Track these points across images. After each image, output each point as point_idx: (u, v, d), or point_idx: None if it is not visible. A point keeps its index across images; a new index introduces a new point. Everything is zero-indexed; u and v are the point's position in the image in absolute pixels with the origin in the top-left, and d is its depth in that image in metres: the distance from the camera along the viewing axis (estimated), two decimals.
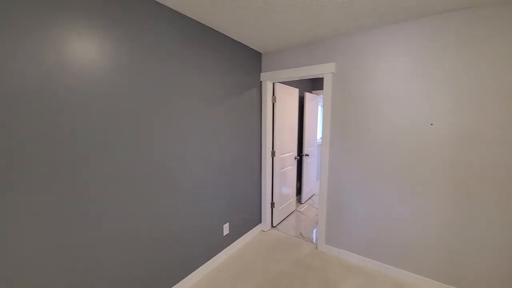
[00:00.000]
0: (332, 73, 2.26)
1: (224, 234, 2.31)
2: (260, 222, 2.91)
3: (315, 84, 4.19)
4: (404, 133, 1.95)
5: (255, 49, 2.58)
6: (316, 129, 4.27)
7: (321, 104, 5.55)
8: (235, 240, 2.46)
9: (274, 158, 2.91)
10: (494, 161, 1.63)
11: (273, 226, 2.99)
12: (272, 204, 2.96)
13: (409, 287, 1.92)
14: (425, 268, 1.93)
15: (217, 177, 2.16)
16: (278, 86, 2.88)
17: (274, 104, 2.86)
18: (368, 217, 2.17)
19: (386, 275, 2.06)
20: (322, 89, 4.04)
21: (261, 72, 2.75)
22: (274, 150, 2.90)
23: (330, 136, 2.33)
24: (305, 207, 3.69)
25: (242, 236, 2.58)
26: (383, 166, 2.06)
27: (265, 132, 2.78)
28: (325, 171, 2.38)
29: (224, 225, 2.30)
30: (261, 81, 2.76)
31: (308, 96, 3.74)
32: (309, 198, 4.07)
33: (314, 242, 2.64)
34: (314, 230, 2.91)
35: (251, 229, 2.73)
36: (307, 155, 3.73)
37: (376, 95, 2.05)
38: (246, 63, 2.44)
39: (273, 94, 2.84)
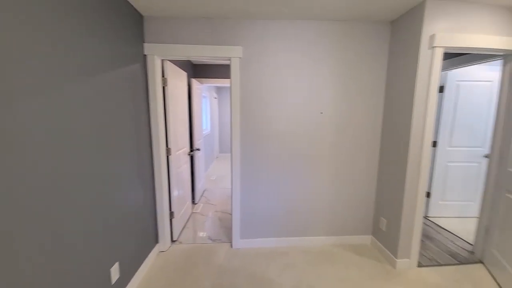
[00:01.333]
0: (240, 58, 2.09)
1: (113, 282, 1.52)
2: (157, 241, 2.24)
3: (198, 71, 3.82)
4: (303, 122, 2.20)
5: (134, 7, 1.82)
6: (201, 120, 3.96)
7: (204, 95, 5.27)
8: (129, 282, 1.70)
9: (169, 156, 2.31)
10: (355, 136, 2.24)
11: (174, 241, 2.42)
12: (171, 214, 2.38)
13: (313, 248, 2.27)
14: (320, 230, 2.36)
15: (91, 203, 1.33)
16: (169, 66, 2.28)
17: (165, 88, 2.23)
18: (276, 200, 2.29)
19: (296, 247, 2.31)
20: (206, 77, 3.85)
21: (144, 42, 2.02)
22: (169, 146, 2.30)
23: (240, 127, 2.18)
24: (200, 206, 3.35)
25: (138, 271, 1.84)
26: (287, 152, 2.23)
27: (157, 124, 2.12)
28: (237, 164, 2.22)
29: (111, 268, 1.50)
30: (145, 55, 2.03)
31: (195, 83, 3.33)
32: (202, 196, 3.76)
33: (227, 240, 2.43)
34: (221, 228, 2.69)
35: (147, 256, 2.02)
36: (198, 149, 3.37)
37: (277, 85, 2.14)
38: (121, 26, 1.64)
39: (163, 75, 2.21)
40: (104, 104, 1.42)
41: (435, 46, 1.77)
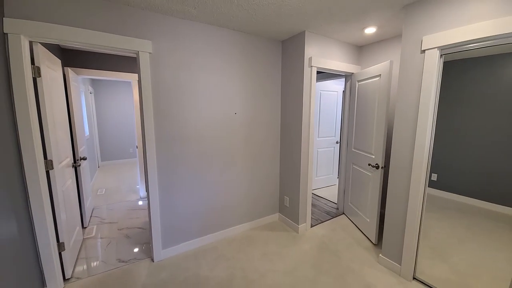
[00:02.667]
0: (150, 53, 1.91)
1: None
2: (45, 285, 1.65)
3: (70, 59, 2.95)
4: (219, 122, 2.34)
5: None
6: (83, 121, 3.15)
7: (82, 90, 4.07)
8: None
9: (50, 171, 1.74)
10: (262, 133, 2.66)
11: (67, 279, 1.86)
12: (61, 246, 1.81)
13: (236, 236, 2.49)
14: (240, 219, 2.61)
15: None
16: (42, 51, 1.70)
17: (37, 80, 1.66)
18: (197, 200, 2.31)
19: (222, 239, 2.44)
20: (82, 66, 3.07)
21: (3, 16, 1.41)
22: (49, 158, 1.73)
23: (155, 129, 2.00)
24: (94, 229, 2.71)
25: None
26: (204, 152, 2.29)
27: (29, 129, 1.55)
28: (154, 172, 2.03)
29: None
30: (5, 34, 1.43)
31: (71, 74, 2.62)
32: (91, 216, 3.02)
33: (145, 256, 2.16)
34: (133, 245, 2.33)
35: None
36: (84, 158, 2.68)
37: (194, 87, 2.16)
38: None
39: (33, 63, 1.63)
40: None
41: (312, 66, 2.43)
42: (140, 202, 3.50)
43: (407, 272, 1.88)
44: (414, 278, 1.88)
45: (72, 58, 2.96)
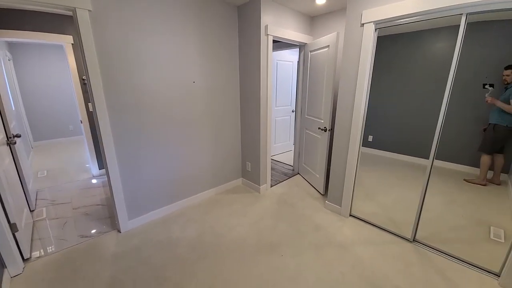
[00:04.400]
0: (89, 10, 1.69)
1: None
2: (4, 266, 1.56)
3: None
4: (177, 90, 2.29)
5: None
6: (8, 93, 2.66)
7: (10, 58, 3.25)
8: None
9: None
10: (222, 102, 2.72)
11: (26, 259, 1.77)
12: (13, 227, 1.68)
13: (203, 202, 2.64)
14: (205, 185, 2.75)
15: None
16: None
17: None
18: (161, 170, 2.33)
19: (189, 206, 2.56)
20: (4, 27, 2.51)
21: None
22: None
23: (105, 98, 1.87)
24: (43, 210, 2.51)
25: None
26: (164, 121, 2.26)
27: None
28: (110, 143, 1.94)
29: None
30: None
31: None
32: (37, 199, 2.75)
33: (110, 229, 2.15)
34: (94, 221, 2.28)
35: None
36: (18, 135, 2.35)
37: (147, 50, 2.03)
38: None
39: None
40: None
41: (268, 34, 2.49)
42: (94, 181, 3.30)
43: (345, 212, 2.35)
44: (350, 215, 2.37)
45: None
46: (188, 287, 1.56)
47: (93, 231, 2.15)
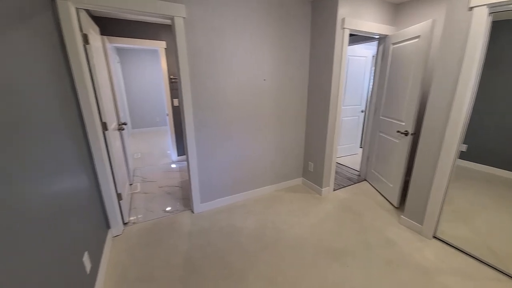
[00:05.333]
0: (184, 18, 1.94)
1: (88, 271, 1.36)
2: (109, 227, 2.01)
3: (102, 27, 3.05)
4: (249, 88, 2.40)
5: None
6: (122, 89, 3.36)
7: (119, 61, 4.24)
8: (97, 272, 1.54)
9: (106, 132, 1.98)
10: (289, 100, 2.70)
11: (126, 223, 2.23)
12: (119, 196, 2.13)
13: (263, 196, 2.72)
14: (266, 181, 2.82)
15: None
16: (86, 18, 1.81)
17: (87, 47, 1.80)
18: (229, 161, 2.51)
19: (250, 198, 2.69)
20: (113, 34, 3.16)
21: None
22: (103, 120, 1.95)
23: (191, 95, 2.12)
24: (138, 186, 3.08)
25: (102, 259, 1.67)
26: (236, 116, 2.41)
27: (86, 93, 1.74)
28: (191, 135, 2.21)
29: (83, 259, 1.32)
30: (54, 0, 1.53)
31: (106, 42, 2.73)
32: (134, 175, 3.40)
33: (185, 209, 2.48)
34: (174, 200, 2.66)
35: (104, 242, 1.82)
36: (125, 123, 2.94)
37: (226, 52, 2.19)
38: None
39: (81, 30, 1.75)
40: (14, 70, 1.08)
41: (345, 28, 2.32)
42: (173, 165, 3.84)
43: (427, 231, 2.00)
44: (434, 237, 2.01)
45: (102, 26, 3.05)
46: (249, 274, 1.64)
47: (173, 208, 2.50)
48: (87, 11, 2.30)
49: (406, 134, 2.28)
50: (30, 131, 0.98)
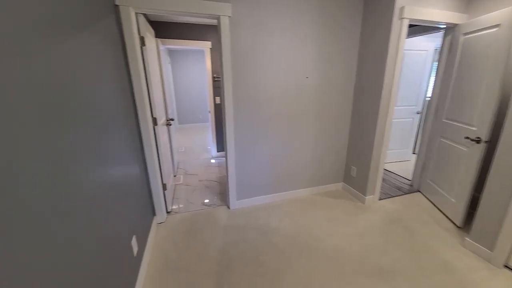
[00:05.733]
0: (229, 17, 1.97)
1: (135, 254, 1.49)
2: (154, 214, 2.19)
3: (157, 30, 3.33)
4: (290, 86, 2.32)
5: None
6: (171, 88, 3.63)
7: (169, 61, 4.65)
8: (142, 256, 1.68)
9: (155, 127, 2.14)
10: (332, 99, 2.53)
11: (168, 212, 2.40)
12: (164, 186, 2.30)
13: (299, 199, 2.62)
14: (304, 183, 2.71)
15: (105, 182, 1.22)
16: (143, 22, 1.97)
17: (143, 49, 1.96)
18: (267, 161, 2.48)
19: (285, 199, 2.62)
20: (166, 37, 3.40)
21: None
22: (154, 116, 2.11)
23: (232, 93, 2.15)
24: (181, 178, 3.29)
25: (147, 243, 1.82)
26: (276, 114, 2.36)
27: (141, 90, 1.90)
28: (231, 132, 2.24)
29: (132, 242, 1.46)
30: (117, 6, 1.70)
31: (160, 44, 2.96)
32: (177, 168, 3.65)
33: (222, 204, 2.55)
34: (212, 194, 2.77)
35: (150, 228, 1.99)
36: (172, 119, 3.15)
37: (269, 49, 2.16)
38: None
39: (139, 33, 1.91)
40: (88, 65, 1.21)
41: (404, 18, 2.06)
42: (213, 160, 4.00)
43: (498, 259, 1.65)
44: (505, 266, 1.65)
45: (156, 29, 3.32)
46: (284, 277, 1.59)
47: (211, 202, 2.60)
48: (145, 15, 2.53)
49: (477, 141, 1.91)
50: (99, 124, 1.11)
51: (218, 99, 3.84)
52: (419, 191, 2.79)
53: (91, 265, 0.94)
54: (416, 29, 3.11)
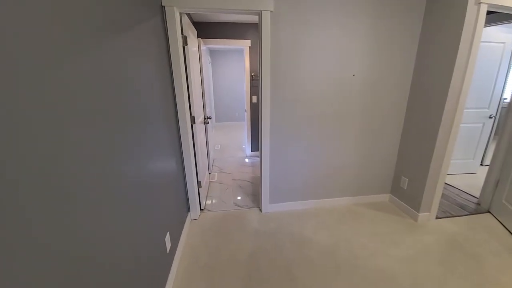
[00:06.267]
0: (271, 11, 1.87)
1: (168, 250, 1.52)
2: (189, 210, 2.24)
3: (198, 30, 3.42)
4: (334, 83, 2.12)
5: None
6: (210, 86, 3.71)
7: (210, 61, 4.85)
8: (174, 254, 1.71)
9: (193, 125, 2.18)
10: (383, 99, 2.24)
11: (202, 209, 2.43)
12: (199, 184, 2.34)
13: (338, 208, 2.40)
14: (344, 191, 2.48)
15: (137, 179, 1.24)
16: (186, 22, 2.00)
17: (185, 48, 1.99)
18: (304, 165, 2.32)
19: (322, 208, 2.43)
20: (207, 36, 3.46)
21: None
22: (192, 114, 2.15)
23: (270, 90, 2.06)
24: (215, 175, 3.34)
25: (180, 240, 1.85)
26: (317, 114, 2.18)
27: (181, 89, 1.93)
28: (267, 133, 2.15)
29: (165, 239, 1.48)
30: (163, 7, 1.75)
31: (201, 43, 3.02)
32: (213, 165, 3.72)
33: (254, 206, 2.48)
34: (245, 194, 2.73)
35: (184, 224, 2.02)
36: (210, 117, 3.21)
37: (311, 47, 2.00)
38: None
39: (182, 32, 1.95)
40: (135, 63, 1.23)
41: (481, 2, 1.69)
42: (247, 160, 3.98)
43: None
44: None
45: (199, 29, 3.40)
46: None
47: (243, 203, 2.56)
48: (188, 16, 2.59)
49: None
50: (145, 121, 1.13)
51: (254, 98, 3.80)
52: (489, 212, 2.31)
53: (126, 260, 0.95)
54: (491, 17, 2.57)
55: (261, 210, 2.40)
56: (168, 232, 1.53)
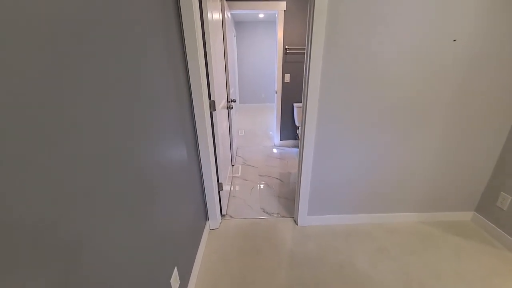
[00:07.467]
0: None
1: (178, 286, 1.11)
2: (207, 219, 1.83)
3: None
4: (419, 58, 1.43)
5: None
6: (235, 63, 3.14)
7: (235, 34, 4.23)
8: (190, 276, 1.32)
9: (213, 112, 1.68)
10: (493, 80, 1.50)
11: (223, 215, 2.01)
12: (220, 186, 1.90)
13: (399, 226, 1.82)
14: (409, 205, 1.87)
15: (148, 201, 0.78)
16: None
17: (203, 17, 1.44)
18: (357, 168, 1.73)
19: (377, 224, 1.86)
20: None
21: None
22: (212, 99, 1.64)
23: (322, 65, 1.44)
24: (239, 168, 2.89)
25: (196, 257, 1.46)
26: (381, 104, 1.54)
27: (197, 68, 1.40)
28: (312, 127, 1.58)
29: (171, 280, 1.06)
30: None
31: (226, 8, 2.41)
32: (236, 155, 3.27)
33: (287, 215, 2.00)
34: (274, 197, 2.25)
35: (201, 236, 1.62)
36: (234, 100, 2.68)
37: (391, 5, 1.30)
38: None
39: None
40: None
41: None
42: (275, 150, 3.46)
43: None
44: None
45: None
46: None
47: (273, 210, 2.08)
48: None
49: None
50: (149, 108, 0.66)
51: (287, 77, 3.16)
52: None
53: None
54: None
55: (296, 222, 1.91)
56: (176, 267, 1.12)
